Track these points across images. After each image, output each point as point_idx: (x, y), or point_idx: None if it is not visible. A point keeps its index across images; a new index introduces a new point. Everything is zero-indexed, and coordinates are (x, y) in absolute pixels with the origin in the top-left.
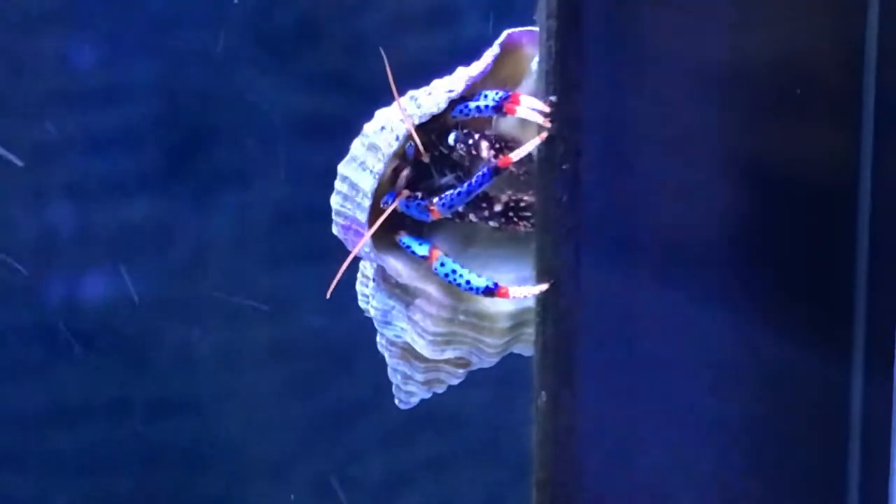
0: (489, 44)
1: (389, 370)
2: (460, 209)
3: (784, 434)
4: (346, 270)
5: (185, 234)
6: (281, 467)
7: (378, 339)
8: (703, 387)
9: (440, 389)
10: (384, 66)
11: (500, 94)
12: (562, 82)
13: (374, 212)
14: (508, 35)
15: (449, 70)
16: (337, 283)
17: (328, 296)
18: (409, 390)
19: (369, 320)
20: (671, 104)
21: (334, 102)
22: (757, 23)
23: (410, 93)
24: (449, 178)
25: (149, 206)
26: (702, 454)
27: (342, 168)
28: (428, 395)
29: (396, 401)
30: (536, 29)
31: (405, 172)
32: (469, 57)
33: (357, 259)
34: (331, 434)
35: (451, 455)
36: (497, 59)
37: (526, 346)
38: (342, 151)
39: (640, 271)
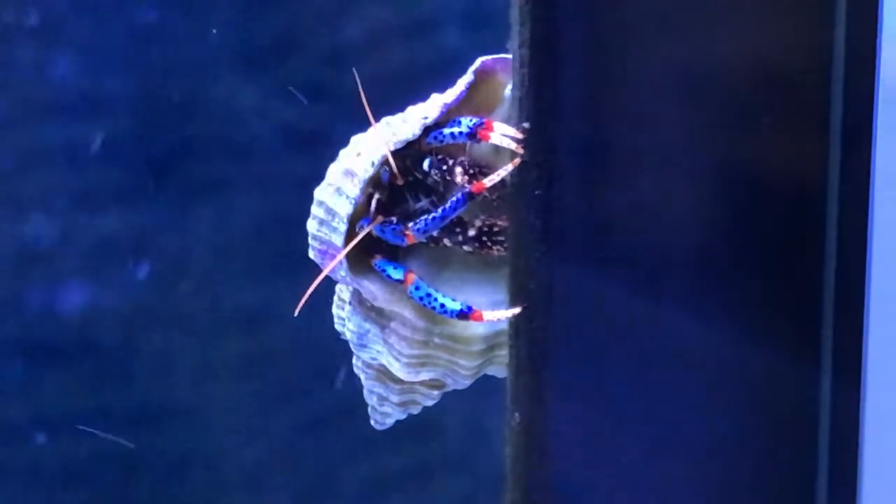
0: (467, 56)
1: (365, 392)
2: (435, 234)
3: (754, 445)
4: (322, 292)
5: (164, 245)
6: (260, 477)
7: (354, 360)
8: (677, 407)
9: (415, 410)
10: (359, 87)
11: (475, 120)
12: (534, 109)
13: (350, 236)
14: (482, 62)
15: (428, 81)
16: (314, 294)
17: (296, 313)
18: (384, 411)
19: None
20: (644, 128)
21: (314, 113)
22: (727, 38)
23: (385, 119)
24: (424, 203)
25: (128, 216)
26: (675, 474)
27: (318, 193)
28: (403, 416)
29: (372, 422)
30: (510, 56)
31: (380, 197)
32: (448, 68)
33: (333, 282)
34: (309, 443)
35: (429, 464)
36: (471, 86)
37: (500, 368)
38: (322, 162)
39: (613, 294)
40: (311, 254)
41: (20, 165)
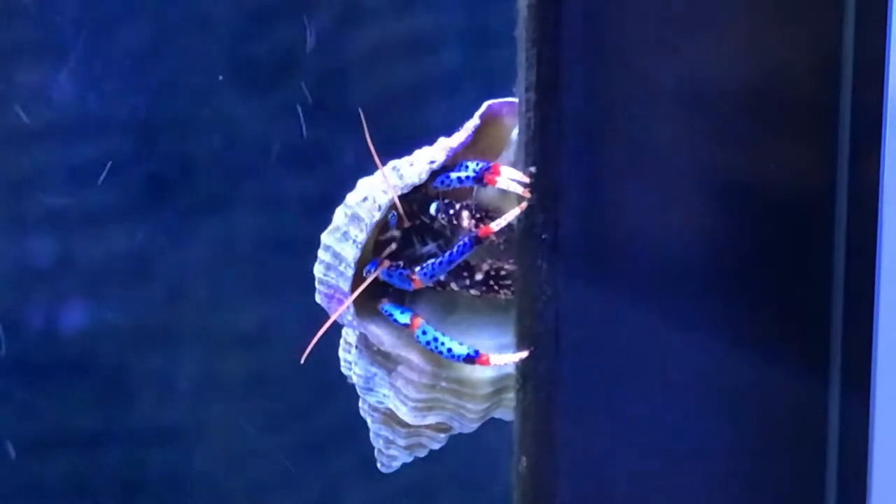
0: (468, 74)
1: (372, 435)
2: (442, 278)
3: (762, 457)
4: (322, 316)
5: (164, 264)
6: (260, 497)
7: (360, 404)
8: (690, 446)
9: (422, 453)
10: (366, 133)
11: (481, 164)
12: (540, 153)
13: (357, 281)
14: (489, 106)
15: (428, 99)
16: (315, 317)
17: (302, 361)
18: (391, 454)
19: None
20: (651, 171)
21: (315, 132)
22: (732, 68)
23: (392, 163)
24: (431, 247)
25: (129, 235)
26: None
27: (325, 237)
28: (409, 459)
29: (379, 464)
30: (516, 100)
31: (388, 242)
32: (448, 86)
33: (340, 325)
34: (310, 464)
35: (430, 485)
36: (477, 130)
37: (507, 411)
38: (322, 180)
39: (621, 337)
40: (318, 298)
41: (21, 185)
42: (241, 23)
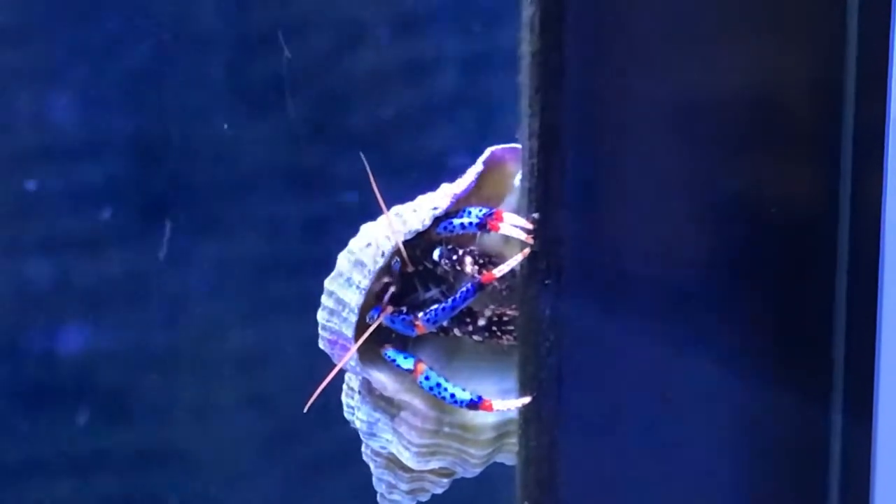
0: (470, 96)
1: (374, 479)
2: (445, 324)
3: (768, 487)
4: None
5: (162, 287)
6: None
7: (363, 448)
8: (692, 488)
9: (424, 498)
10: (370, 176)
11: (484, 210)
12: (544, 200)
13: (360, 326)
14: (492, 152)
15: (429, 121)
16: (313, 337)
17: (305, 410)
18: (393, 499)
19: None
20: (654, 218)
21: (313, 154)
22: (732, 89)
23: (395, 209)
24: (434, 293)
25: (127, 258)
26: None
27: (328, 283)
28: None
29: None
30: (519, 146)
31: (391, 288)
32: (449, 109)
33: (343, 371)
34: (308, 486)
35: None
36: (481, 176)
37: (510, 456)
38: (321, 203)
39: (624, 383)
40: (321, 344)
41: (19, 208)
42: (238, 45)
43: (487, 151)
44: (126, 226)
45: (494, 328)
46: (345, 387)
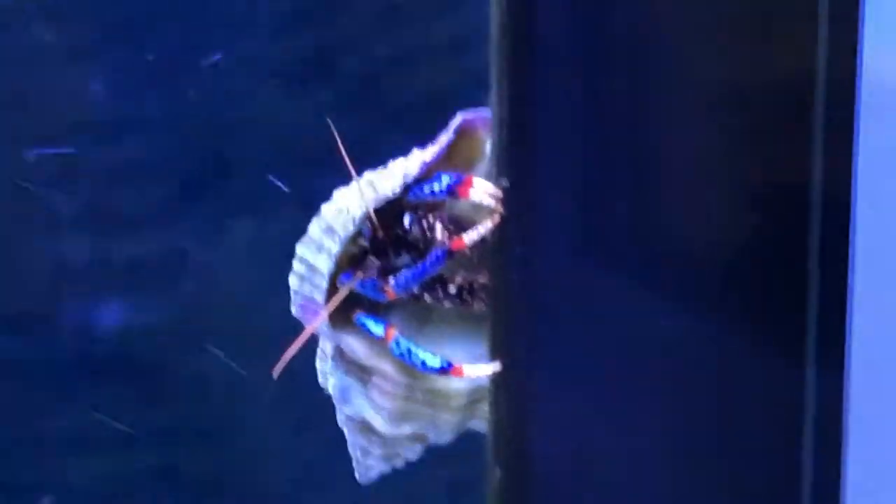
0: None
1: (349, 445)
2: (415, 290)
3: (742, 458)
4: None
5: (199, 264)
6: (293, 497)
7: (337, 415)
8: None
9: (399, 463)
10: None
11: (454, 177)
12: (513, 166)
13: (332, 292)
14: (463, 119)
15: (458, 101)
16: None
17: (275, 377)
18: (368, 464)
19: None
20: (628, 177)
21: (349, 131)
22: (712, 68)
23: (367, 175)
24: (404, 259)
25: (164, 235)
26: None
27: (300, 249)
28: (388, 469)
29: (357, 475)
30: (489, 112)
31: (362, 254)
32: (477, 90)
33: (316, 337)
34: (344, 464)
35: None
36: (454, 143)
37: (483, 422)
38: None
39: (595, 350)
40: (294, 310)
41: (57, 185)
42: (277, 21)
43: (458, 118)
44: (164, 202)
45: (465, 295)
46: (318, 352)
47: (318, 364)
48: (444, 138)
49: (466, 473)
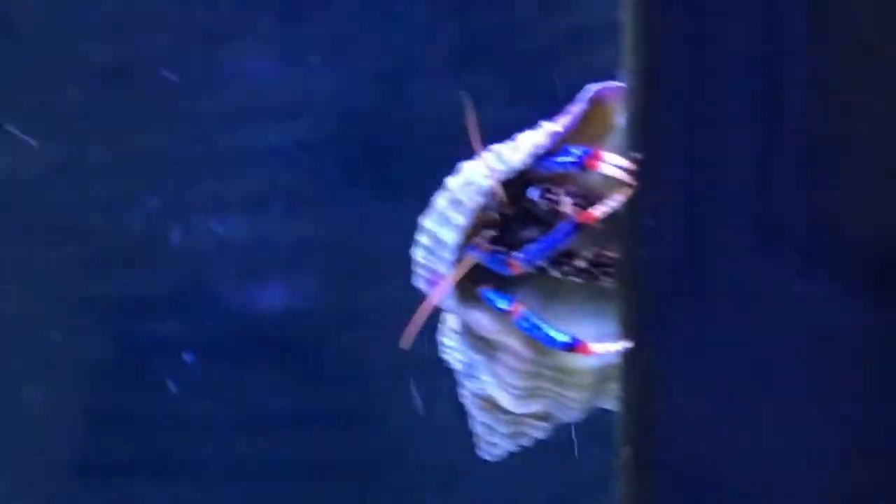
0: None
1: (472, 422)
2: (542, 264)
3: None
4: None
5: (360, 245)
6: (452, 479)
7: (459, 390)
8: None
9: (526, 442)
10: (470, 113)
11: (584, 150)
12: (646, 139)
13: (457, 266)
14: (595, 90)
15: None
16: None
17: (406, 347)
18: (493, 442)
19: None
20: (760, 158)
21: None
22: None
23: (495, 147)
24: (531, 232)
25: (325, 217)
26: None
27: (425, 221)
28: (514, 448)
29: (480, 452)
30: (622, 84)
31: (488, 226)
32: None
33: (440, 310)
34: None
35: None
36: (584, 114)
37: (611, 401)
38: None
39: (725, 326)
40: (418, 282)
41: (222, 167)
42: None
43: (591, 89)
44: (326, 185)
45: (594, 270)
46: (442, 326)
47: (443, 339)
48: (575, 109)
49: None
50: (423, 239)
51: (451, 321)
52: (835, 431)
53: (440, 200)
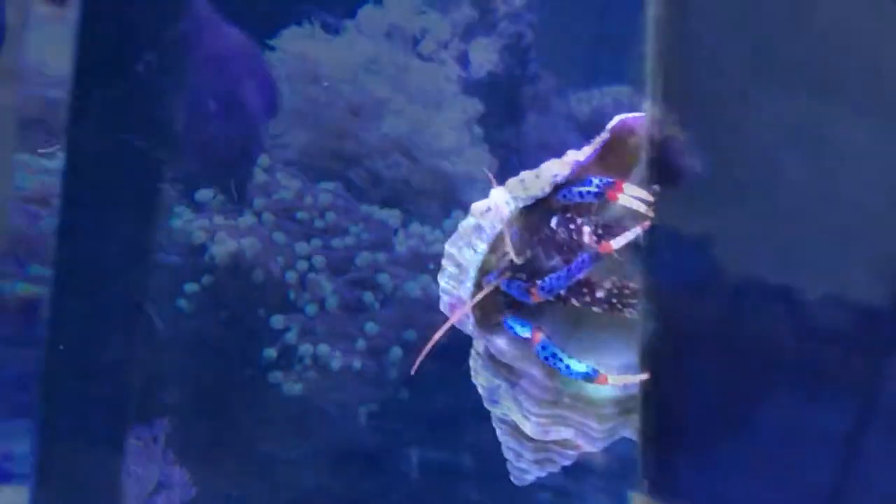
0: None
1: (502, 446)
2: (562, 293)
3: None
4: None
5: None
6: None
7: (493, 414)
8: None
9: (553, 469)
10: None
11: (605, 180)
12: (665, 171)
13: (478, 291)
14: (621, 121)
15: None
16: None
17: (413, 372)
18: (521, 467)
19: None
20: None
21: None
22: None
23: (522, 174)
24: (553, 261)
25: None
26: None
27: (449, 246)
28: (543, 474)
29: (511, 477)
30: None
31: (509, 254)
32: None
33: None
34: None
35: None
36: (609, 145)
37: (635, 431)
38: None
39: (745, 359)
40: (442, 306)
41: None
42: None
43: (616, 119)
44: None
45: (614, 300)
46: (472, 351)
47: (471, 362)
48: (599, 139)
49: None
50: (446, 264)
51: (477, 345)
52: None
53: (464, 225)
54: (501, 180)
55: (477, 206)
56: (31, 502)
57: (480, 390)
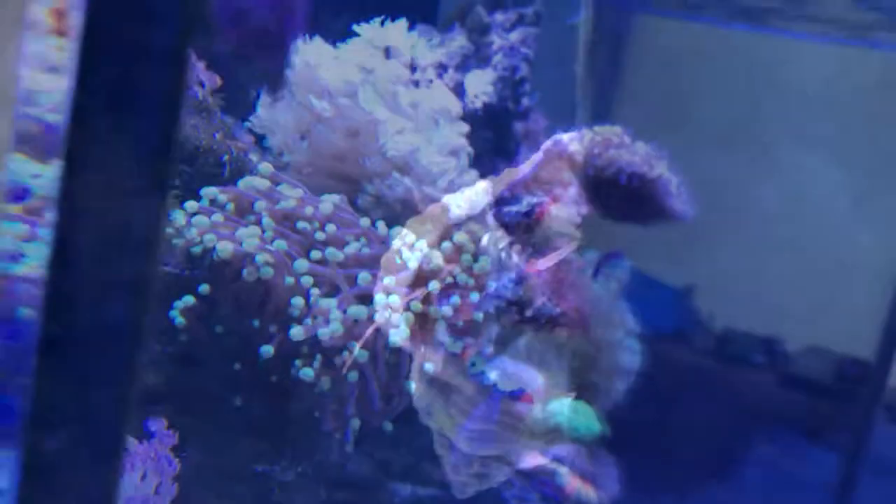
0: None
1: (444, 461)
2: (491, 311)
3: None
4: None
5: None
6: None
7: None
8: None
9: (492, 483)
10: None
11: (536, 200)
12: (593, 192)
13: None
14: (554, 141)
15: None
16: None
17: (344, 372)
18: (461, 480)
19: None
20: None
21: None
22: None
23: (446, 197)
24: (482, 280)
25: None
26: None
27: (384, 262)
28: (483, 488)
29: (454, 490)
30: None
31: (440, 272)
32: None
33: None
34: None
35: None
36: (544, 163)
37: (566, 448)
38: None
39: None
40: (378, 321)
41: None
42: None
43: (551, 140)
44: None
45: (545, 320)
46: (411, 366)
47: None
48: (532, 160)
49: None
50: (382, 278)
51: (416, 361)
52: None
53: (396, 243)
54: None
55: (411, 221)
56: None
57: (416, 403)
